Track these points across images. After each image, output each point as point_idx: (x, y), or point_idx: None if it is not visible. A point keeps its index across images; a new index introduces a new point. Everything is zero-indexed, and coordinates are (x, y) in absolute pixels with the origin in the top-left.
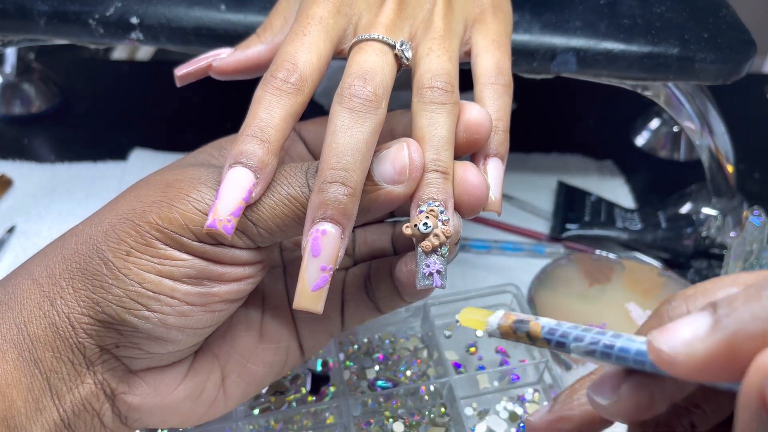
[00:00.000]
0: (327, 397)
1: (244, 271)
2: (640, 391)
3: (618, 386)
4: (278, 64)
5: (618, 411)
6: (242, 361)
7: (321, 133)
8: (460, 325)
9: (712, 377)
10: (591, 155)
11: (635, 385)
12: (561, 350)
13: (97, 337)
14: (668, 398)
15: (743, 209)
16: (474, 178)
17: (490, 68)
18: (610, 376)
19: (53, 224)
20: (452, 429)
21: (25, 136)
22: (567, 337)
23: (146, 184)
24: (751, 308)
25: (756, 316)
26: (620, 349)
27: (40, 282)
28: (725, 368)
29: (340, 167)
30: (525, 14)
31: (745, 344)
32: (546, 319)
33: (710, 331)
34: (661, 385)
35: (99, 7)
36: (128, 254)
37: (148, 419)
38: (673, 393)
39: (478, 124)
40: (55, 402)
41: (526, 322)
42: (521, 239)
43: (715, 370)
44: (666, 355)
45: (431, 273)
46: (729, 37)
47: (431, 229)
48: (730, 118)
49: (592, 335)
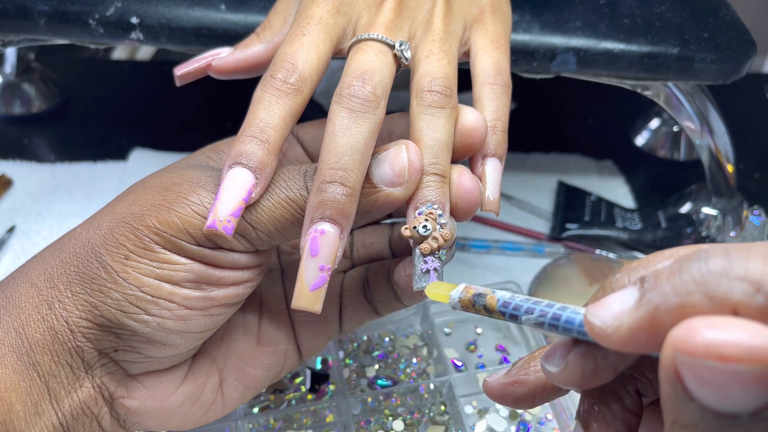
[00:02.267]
0: (326, 395)
1: (242, 274)
2: (585, 360)
3: (566, 355)
4: (278, 65)
5: (566, 378)
6: (240, 364)
7: (319, 136)
8: (459, 323)
9: (640, 348)
10: (591, 155)
11: (581, 354)
12: (515, 322)
13: (95, 340)
14: (612, 366)
15: (743, 209)
16: (468, 182)
17: (488, 68)
18: (560, 345)
19: (53, 224)
20: (452, 427)
21: (25, 136)
22: (519, 310)
23: (144, 188)
24: (672, 282)
25: (676, 291)
26: (566, 320)
27: (38, 285)
28: (650, 340)
29: (338, 167)
30: (525, 14)
31: (666, 317)
32: (502, 292)
33: (636, 305)
34: (605, 354)
35: (99, 7)
36: (127, 258)
37: (147, 423)
38: (616, 362)
39: (473, 128)
40: (53, 406)
41: (483, 296)
42: (521, 239)
43: (641, 341)
44: (598, 329)
45: (428, 270)
46: (729, 37)
47: (430, 232)
48: (730, 118)
49: (542, 308)
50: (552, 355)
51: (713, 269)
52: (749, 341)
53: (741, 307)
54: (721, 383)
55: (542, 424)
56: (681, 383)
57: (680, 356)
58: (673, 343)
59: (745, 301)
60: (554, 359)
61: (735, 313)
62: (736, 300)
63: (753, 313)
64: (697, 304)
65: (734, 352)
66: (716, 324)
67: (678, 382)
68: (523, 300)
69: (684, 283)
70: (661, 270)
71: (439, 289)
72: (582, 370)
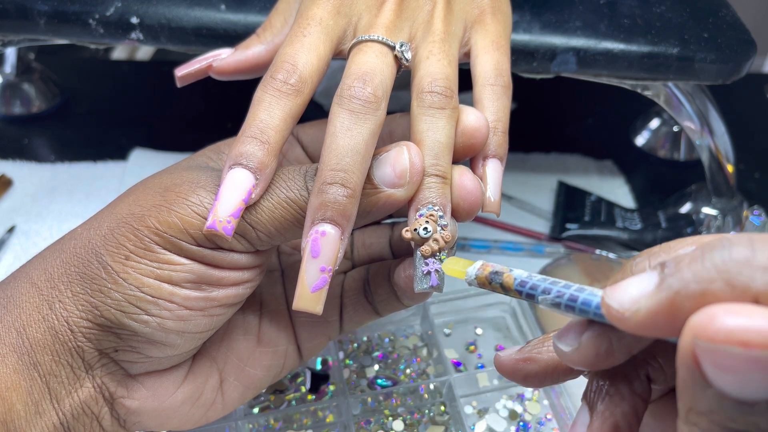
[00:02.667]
0: (326, 395)
1: (242, 275)
2: (600, 340)
3: (580, 335)
4: (278, 66)
5: (579, 358)
6: (240, 364)
7: (319, 137)
8: (459, 324)
9: (657, 333)
10: (591, 155)
11: (596, 335)
12: (531, 301)
13: (96, 341)
14: (626, 349)
15: (743, 209)
16: (470, 183)
17: (489, 69)
18: (574, 325)
19: (53, 224)
20: (452, 427)
21: (25, 136)
22: (536, 290)
23: (145, 188)
24: (694, 269)
25: (697, 277)
26: (583, 302)
27: (38, 286)
28: (668, 325)
29: (339, 168)
30: (525, 14)
31: (686, 303)
32: (519, 271)
33: (655, 289)
34: (620, 336)
35: (99, 7)
36: (127, 258)
37: (147, 422)
38: (630, 344)
39: (474, 129)
40: (54, 405)
41: (500, 274)
42: (521, 239)
43: (659, 326)
44: (615, 311)
45: (429, 272)
46: (729, 37)
47: (431, 234)
48: (730, 118)
49: (559, 288)
50: (566, 334)
51: (736, 257)
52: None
53: (762, 297)
54: (741, 369)
55: (542, 424)
56: (699, 369)
57: (700, 342)
58: (694, 328)
59: (766, 291)
60: (568, 338)
61: (756, 301)
62: (758, 289)
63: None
64: (718, 291)
65: (756, 338)
66: (738, 311)
67: (696, 368)
68: (540, 280)
69: (706, 270)
70: (682, 256)
71: (456, 264)
72: (596, 350)
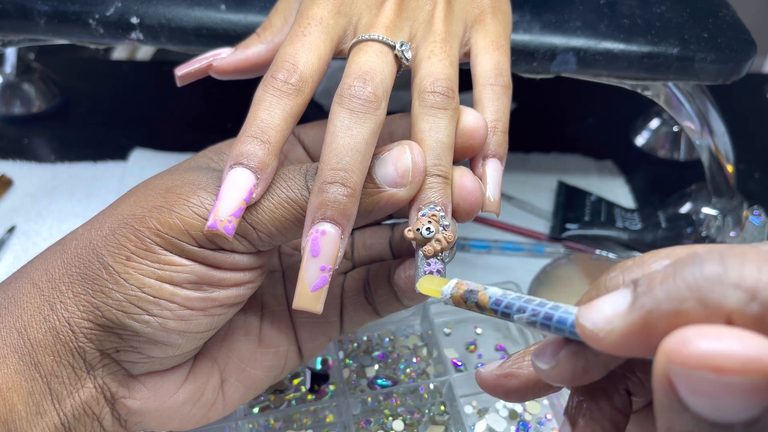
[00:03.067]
0: (326, 395)
1: (243, 276)
2: (576, 358)
3: (557, 353)
4: (278, 65)
5: (556, 376)
6: (241, 365)
7: (320, 137)
8: (459, 324)
9: (632, 352)
10: (591, 155)
11: (572, 352)
12: (507, 320)
13: (97, 341)
14: (603, 365)
15: (743, 209)
16: (470, 183)
17: (489, 69)
18: (551, 343)
19: (53, 224)
20: (452, 427)
21: (25, 136)
22: (511, 308)
23: (146, 189)
24: (666, 288)
25: (670, 296)
26: (557, 320)
27: (40, 286)
28: (642, 345)
29: (339, 168)
30: (525, 14)
31: (659, 323)
32: (494, 289)
33: (629, 309)
34: (596, 353)
35: (99, 7)
36: (128, 259)
37: (148, 423)
38: (607, 361)
39: (473, 129)
40: (55, 406)
41: (475, 292)
42: (521, 239)
43: (633, 346)
44: (589, 331)
45: (431, 272)
46: (729, 37)
47: (433, 234)
48: (730, 118)
49: (533, 306)
50: (543, 352)
51: (708, 275)
52: (743, 352)
53: (735, 315)
54: (715, 394)
55: (542, 424)
56: (674, 393)
57: (674, 367)
58: (666, 353)
59: (739, 309)
60: (545, 356)
61: (729, 320)
62: (731, 308)
63: (747, 322)
64: (690, 311)
65: (728, 363)
66: (710, 334)
67: (671, 392)
68: (515, 298)
69: (678, 289)
70: (654, 273)
71: (430, 284)
72: (573, 368)
